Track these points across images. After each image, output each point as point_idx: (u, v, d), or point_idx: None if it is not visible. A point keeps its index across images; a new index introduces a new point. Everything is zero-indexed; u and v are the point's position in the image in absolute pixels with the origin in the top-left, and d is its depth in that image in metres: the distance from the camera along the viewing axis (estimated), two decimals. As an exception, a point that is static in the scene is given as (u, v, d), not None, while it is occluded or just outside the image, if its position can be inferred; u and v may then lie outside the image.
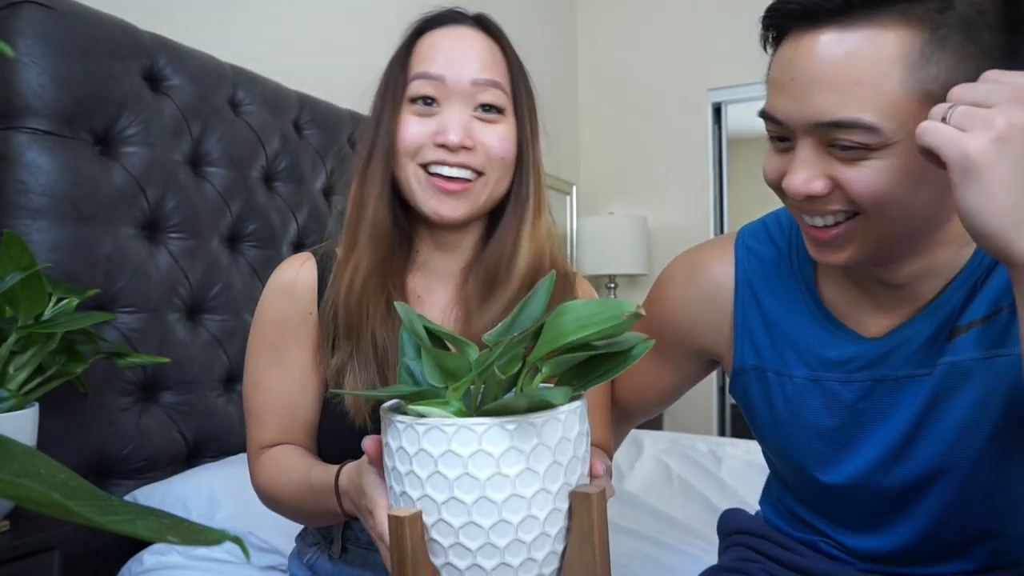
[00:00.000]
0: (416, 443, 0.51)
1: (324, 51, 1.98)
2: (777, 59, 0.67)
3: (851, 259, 0.68)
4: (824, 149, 0.64)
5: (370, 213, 0.82)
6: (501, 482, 0.50)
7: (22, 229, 1.16)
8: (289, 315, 0.84)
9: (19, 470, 0.25)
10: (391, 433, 0.53)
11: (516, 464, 0.50)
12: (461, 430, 0.50)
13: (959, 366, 0.71)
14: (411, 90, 0.80)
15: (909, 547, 0.78)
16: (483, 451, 0.50)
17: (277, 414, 0.84)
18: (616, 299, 0.51)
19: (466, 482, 0.50)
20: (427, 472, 0.50)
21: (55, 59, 1.20)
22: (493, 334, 0.55)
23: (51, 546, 0.96)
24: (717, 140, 3.42)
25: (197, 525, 0.29)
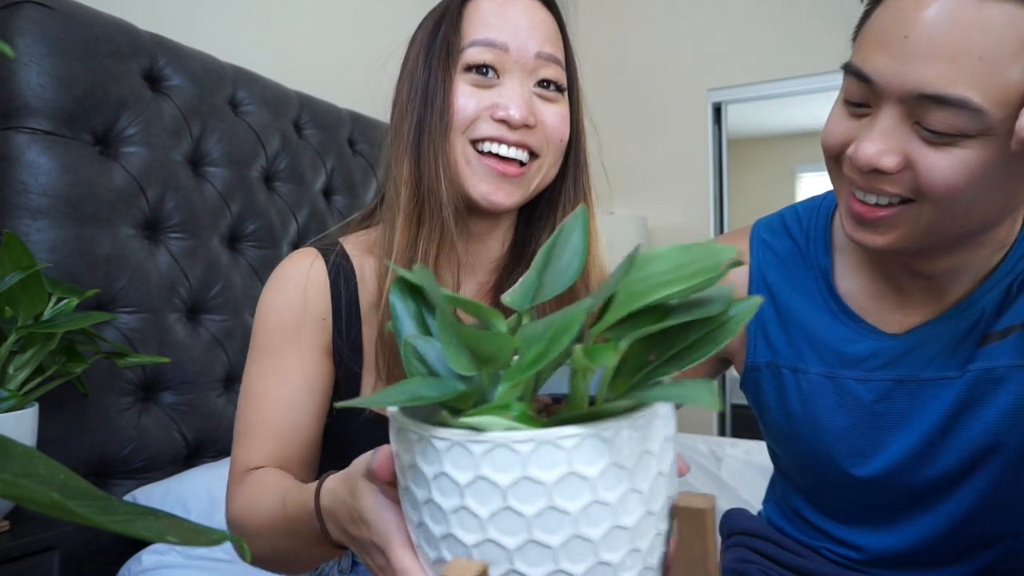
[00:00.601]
0: (472, 468, 0.36)
1: (324, 51, 1.98)
2: (889, 11, 0.59)
3: (891, 244, 0.64)
4: (909, 124, 0.59)
5: (443, 195, 0.71)
6: (600, 513, 0.36)
7: (22, 229, 1.16)
8: (297, 317, 0.74)
9: (19, 470, 0.25)
10: (424, 455, 0.37)
11: (617, 486, 0.36)
12: (542, 447, 0.35)
13: (992, 372, 0.69)
14: (468, 57, 0.71)
15: (921, 548, 0.77)
16: (574, 474, 0.36)
17: (272, 429, 0.72)
18: (708, 244, 0.39)
19: (552, 518, 0.36)
20: (491, 508, 0.36)
21: (55, 59, 1.20)
22: (516, 295, 0.43)
23: (51, 546, 0.96)
24: (717, 140, 3.42)
25: (197, 525, 0.29)
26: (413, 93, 0.73)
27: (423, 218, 0.72)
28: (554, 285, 0.43)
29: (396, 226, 0.72)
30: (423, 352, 0.42)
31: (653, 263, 0.39)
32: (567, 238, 0.44)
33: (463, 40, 0.72)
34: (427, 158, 0.71)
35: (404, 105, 0.74)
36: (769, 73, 3.19)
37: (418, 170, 0.72)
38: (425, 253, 0.71)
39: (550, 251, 0.45)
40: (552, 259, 0.44)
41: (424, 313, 0.44)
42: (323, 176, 1.84)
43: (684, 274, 0.37)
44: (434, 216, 0.71)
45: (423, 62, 0.73)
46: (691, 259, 0.38)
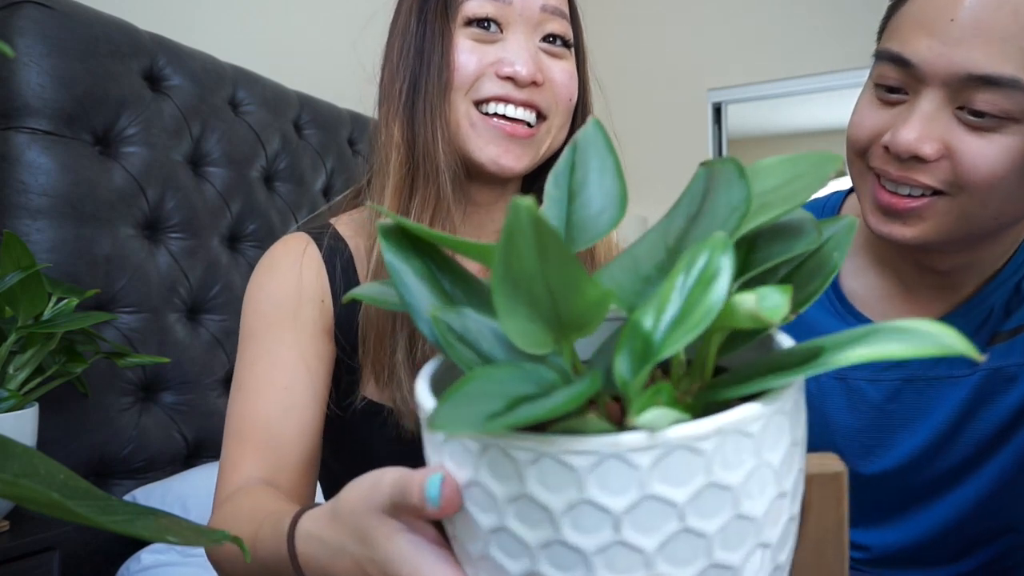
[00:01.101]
0: (636, 487, 0.25)
1: (324, 51, 1.98)
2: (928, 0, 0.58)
3: (921, 237, 0.62)
4: (951, 110, 0.57)
5: (441, 159, 0.65)
6: (779, 507, 0.28)
7: (22, 229, 1.16)
8: (292, 299, 0.67)
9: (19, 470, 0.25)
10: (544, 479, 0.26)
11: (792, 469, 0.28)
12: (728, 439, 0.26)
13: (1003, 371, 0.69)
14: (468, 9, 0.66)
15: (925, 544, 0.77)
16: (765, 465, 0.27)
17: (266, 420, 0.63)
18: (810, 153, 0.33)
19: (734, 531, 0.26)
20: (662, 536, 0.26)
21: (55, 59, 1.20)
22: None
23: (51, 546, 0.96)
24: (717, 140, 3.42)
25: (196, 525, 0.29)
26: (406, 50, 0.68)
27: (416, 185, 0.66)
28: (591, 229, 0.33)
29: (385, 194, 0.67)
30: (463, 330, 0.30)
31: (760, 177, 0.32)
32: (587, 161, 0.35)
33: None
34: (422, 119, 0.66)
35: (395, 63, 0.69)
36: (769, 73, 3.19)
37: (411, 133, 0.66)
38: (417, 222, 0.64)
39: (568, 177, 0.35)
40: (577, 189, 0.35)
41: (438, 274, 0.33)
42: (323, 176, 1.84)
43: (797, 187, 0.30)
44: (429, 182, 0.66)
45: (416, 16, 0.68)
46: (798, 171, 0.32)
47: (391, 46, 0.71)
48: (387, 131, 0.68)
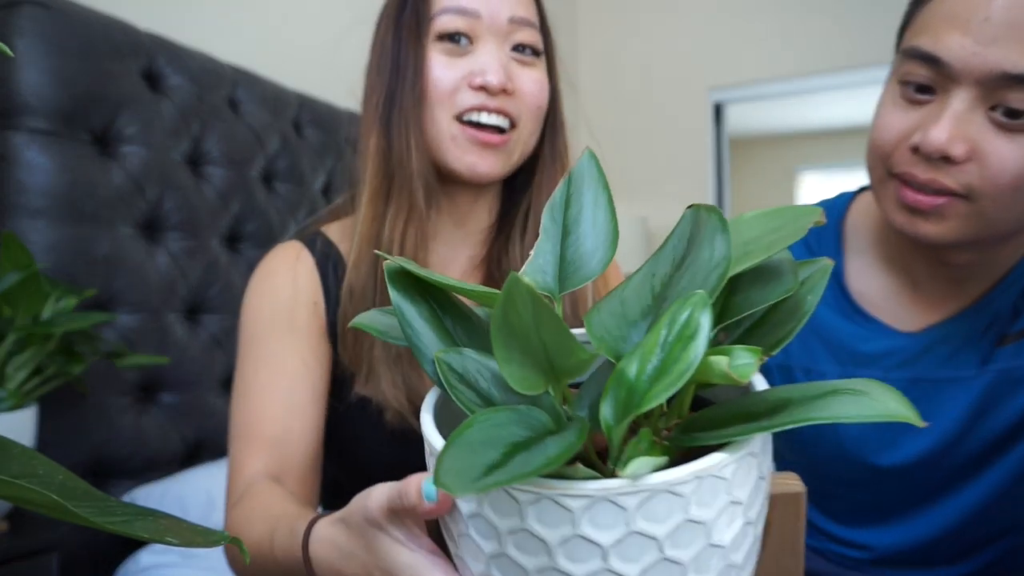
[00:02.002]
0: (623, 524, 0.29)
1: (324, 51, 1.97)
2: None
3: (946, 235, 0.61)
4: (983, 111, 0.57)
5: (414, 168, 0.68)
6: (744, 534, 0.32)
7: (21, 229, 1.16)
8: (287, 307, 0.71)
9: (18, 470, 0.25)
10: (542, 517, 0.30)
11: (756, 502, 0.32)
12: (704, 483, 0.29)
13: (1011, 372, 0.68)
14: (439, 24, 0.69)
15: (927, 544, 0.77)
16: (734, 502, 0.31)
17: (271, 423, 0.67)
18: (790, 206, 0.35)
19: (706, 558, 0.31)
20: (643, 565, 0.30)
21: (54, 59, 1.20)
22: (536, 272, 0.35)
23: (50, 547, 0.96)
24: (717, 140, 3.42)
25: (196, 526, 0.29)
26: (383, 64, 0.71)
27: (391, 192, 0.69)
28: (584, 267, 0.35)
29: (362, 201, 0.70)
30: (462, 370, 0.33)
31: (740, 230, 0.35)
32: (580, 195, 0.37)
33: (433, 8, 0.69)
34: (397, 129, 0.69)
35: (372, 79, 0.72)
36: (769, 73, 3.19)
37: (387, 143, 0.70)
38: (392, 228, 0.69)
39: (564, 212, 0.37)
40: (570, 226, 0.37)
41: (441, 316, 0.36)
42: (323, 176, 1.84)
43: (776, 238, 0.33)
44: (403, 190, 0.69)
45: (392, 32, 0.71)
46: (778, 223, 0.34)
47: (371, 59, 0.74)
48: (364, 141, 0.71)
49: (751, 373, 0.29)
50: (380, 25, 0.75)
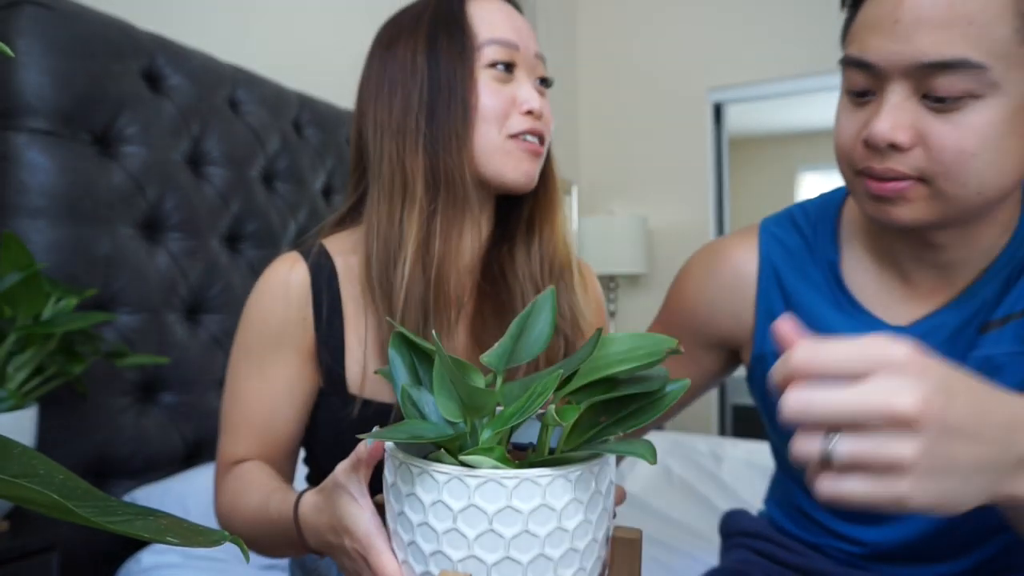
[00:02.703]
0: (465, 498, 0.45)
1: (324, 51, 1.97)
2: (874, 6, 0.65)
3: (916, 218, 0.66)
4: (916, 98, 0.62)
5: (468, 180, 0.78)
6: (560, 537, 0.46)
7: (21, 229, 1.16)
8: (279, 322, 0.79)
9: (18, 470, 0.25)
10: (423, 484, 0.46)
11: (575, 516, 0.46)
12: (524, 483, 0.44)
13: (992, 360, 0.69)
14: (489, 54, 0.79)
15: (921, 540, 0.77)
16: (546, 505, 0.45)
17: (253, 429, 0.79)
18: (655, 335, 0.49)
19: (524, 540, 0.45)
20: (477, 531, 0.45)
21: (54, 59, 1.20)
22: (494, 356, 0.52)
23: (51, 546, 0.96)
24: (717, 140, 3.42)
25: (196, 526, 0.29)
26: (420, 87, 0.78)
27: (437, 206, 0.77)
28: (526, 352, 0.53)
29: (405, 219, 0.77)
30: (416, 399, 0.52)
31: (612, 344, 0.49)
32: (539, 312, 0.54)
33: (478, 39, 0.79)
34: (448, 146, 0.77)
35: (404, 99, 0.78)
36: (769, 73, 3.19)
37: (435, 161, 0.77)
38: (446, 234, 0.77)
39: (524, 321, 0.54)
40: (526, 329, 0.54)
41: (416, 364, 0.54)
42: (323, 176, 1.84)
43: (635, 355, 0.47)
44: (457, 203, 0.78)
45: (429, 60, 0.78)
46: (642, 345, 0.49)
47: (393, 82, 0.80)
48: (401, 160, 0.78)
49: (569, 420, 0.47)
50: (394, 54, 0.80)
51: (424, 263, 0.76)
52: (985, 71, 0.59)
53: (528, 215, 0.86)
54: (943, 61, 0.59)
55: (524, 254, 0.84)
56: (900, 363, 0.39)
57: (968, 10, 0.59)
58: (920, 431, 0.38)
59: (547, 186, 0.87)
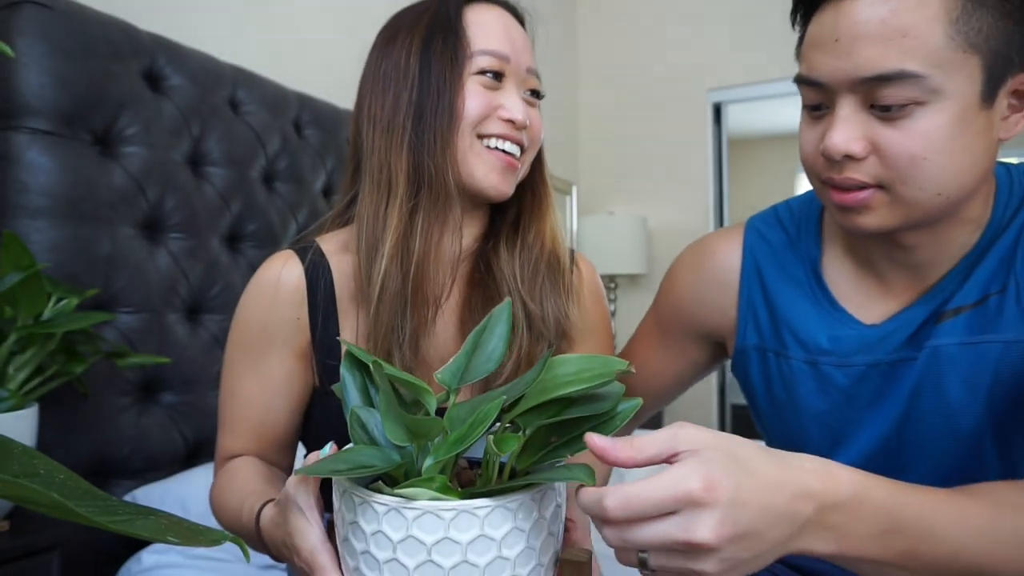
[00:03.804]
0: (404, 529, 0.45)
1: (324, 51, 1.98)
2: (816, 26, 0.68)
3: (881, 224, 0.68)
4: (865, 109, 0.65)
5: (451, 182, 0.78)
6: (501, 565, 0.46)
7: (22, 229, 1.16)
8: (270, 319, 0.80)
9: (19, 470, 0.25)
10: (364, 514, 0.47)
11: (517, 545, 0.47)
12: (461, 515, 0.45)
13: (943, 350, 0.72)
14: (479, 63, 0.80)
15: None
16: (484, 536, 0.45)
17: (249, 424, 0.81)
18: (605, 356, 0.51)
19: (464, 570, 0.45)
20: (416, 561, 0.45)
21: (55, 59, 1.20)
22: (447, 373, 0.52)
23: (51, 546, 0.96)
24: (717, 140, 3.42)
25: (197, 525, 0.29)
26: (407, 89, 0.79)
27: (419, 205, 0.78)
28: (479, 370, 0.53)
29: (388, 214, 0.78)
30: (365, 421, 0.52)
31: (562, 366, 0.50)
32: (494, 327, 0.54)
33: (471, 48, 0.80)
34: (433, 149, 0.78)
35: (392, 102, 0.80)
36: (769, 73, 3.19)
37: (418, 159, 0.78)
38: (427, 234, 0.78)
39: (479, 336, 0.54)
40: (480, 344, 0.54)
41: (368, 386, 0.54)
42: (323, 176, 1.85)
43: (583, 377, 0.48)
44: (439, 202, 0.79)
45: (422, 62, 0.79)
46: (591, 366, 0.49)
47: (386, 81, 0.81)
48: (388, 157, 0.79)
49: (508, 450, 0.46)
50: (392, 51, 0.82)
51: (402, 259, 0.77)
52: (924, 79, 0.62)
53: (514, 217, 0.87)
54: (882, 74, 0.62)
55: (507, 253, 0.85)
56: (697, 500, 0.45)
57: (901, 23, 0.62)
58: (715, 551, 0.46)
59: (536, 190, 0.88)
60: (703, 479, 0.45)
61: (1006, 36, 0.62)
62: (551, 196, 0.90)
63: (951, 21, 0.61)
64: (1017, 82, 0.65)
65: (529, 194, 0.88)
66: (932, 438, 0.74)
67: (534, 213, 0.87)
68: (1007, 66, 0.64)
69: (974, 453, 0.72)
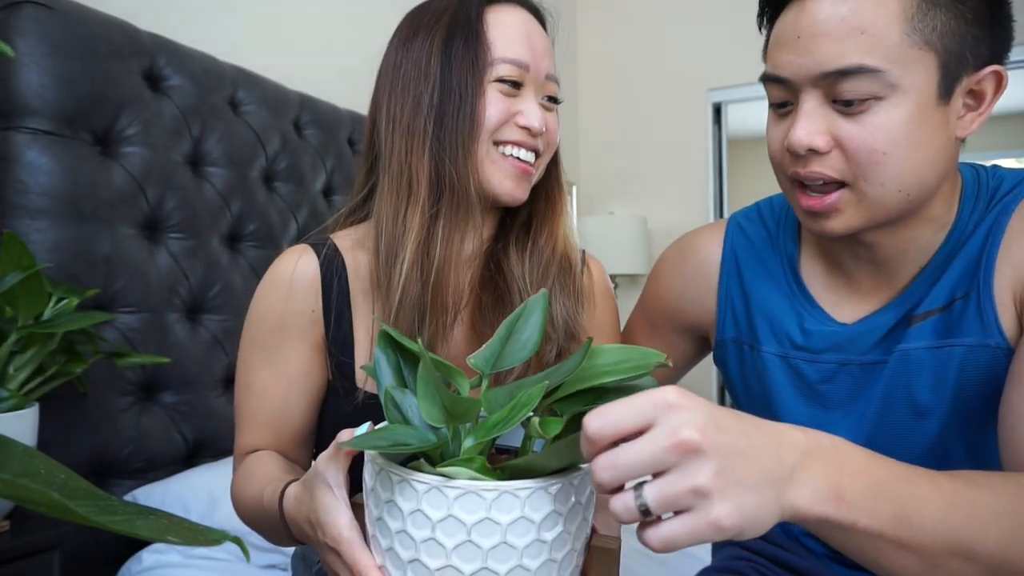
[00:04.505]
0: (444, 508, 0.45)
1: (324, 51, 1.98)
2: (779, 25, 0.72)
3: (847, 226, 0.70)
4: (828, 104, 0.67)
5: (471, 187, 0.78)
6: (538, 548, 0.46)
7: (22, 229, 1.16)
8: (285, 315, 0.79)
9: (19, 470, 0.25)
10: (402, 493, 0.46)
11: (555, 528, 0.46)
12: (503, 495, 0.45)
13: (911, 354, 0.73)
14: (499, 71, 0.79)
15: None
16: (524, 518, 0.45)
17: (267, 419, 0.81)
18: (644, 348, 0.50)
19: (502, 551, 0.45)
20: (455, 541, 0.45)
21: (55, 59, 1.20)
22: (481, 359, 0.52)
23: (51, 546, 0.96)
24: (717, 140, 3.42)
25: (197, 525, 0.29)
26: (429, 92, 0.78)
27: (441, 209, 0.78)
28: (513, 357, 0.53)
29: (408, 217, 0.78)
30: (399, 402, 0.51)
31: (601, 356, 0.50)
32: (529, 316, 0.54)
33: (492, 54, 0.79)
34: (454, 155, 0.77)
35: (416, 99, 0.79)
36: (769, 73, 3.18)
37: (440, 164, 0.78)
38: (448, 239, 0.78)
39: (513, 324, 0.54)
40: (514, 332, 0.54)
41: (402, 365, 0.54)
42: (323, 176, 1.85)
43: (622, 368, 0.48)
44: (460, 208, 0.78)
45: (442, 64, 0.78)
46: (629, 357, 0.49)
47: (405, 82, 0.80)
48: (408, 160, 0.79)
49: (552, 432, 0.47)
50: (412, 51, 0.80)
51: (423, 265, 0.76)
52: (882, 73, 0.64)
53: (526, 218, 0.87)
54: (842, 69, 0.65)
55: (517, 255, 0.85)
56: (674, 403, 0.43)
57: (859, 21, 0.64)
58: (706, 455, 0.43)
59: (550, 193, 0.87)
60: (677, 391, 0.44)
61: (959, 35, 0.65)
62: (565, 199, 0.89)
63: (907, 19, 0.64)
64: (972, 81, 0.67)
65: (543, 196, 0.87)
66: (902, 439, 0.74)
67: (546, 215, 0.87)
68: (962, 65, 0.66)
69: (941, 454, 0.73)
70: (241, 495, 0.77)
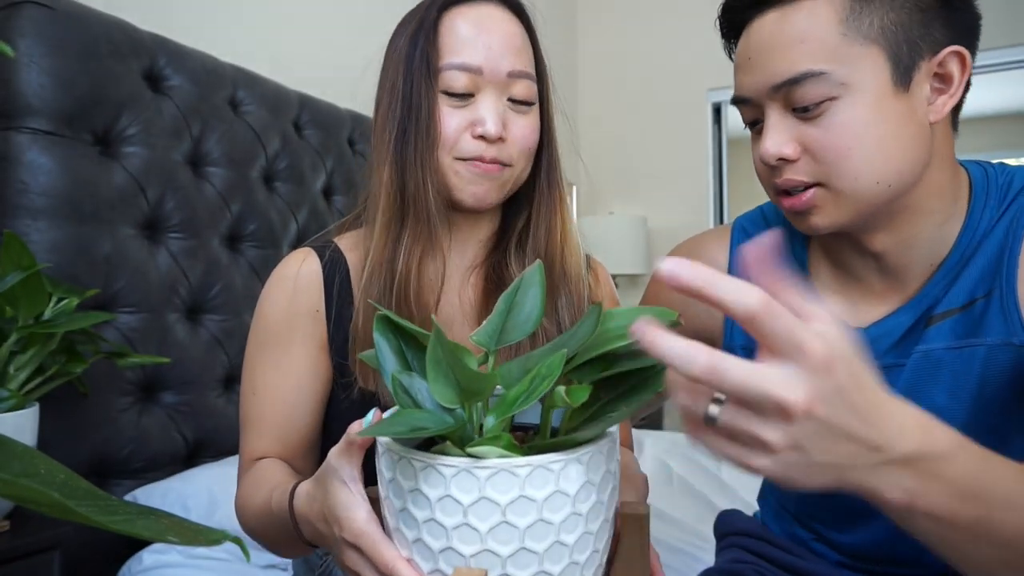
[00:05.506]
0: (476, 490, 0.43)
1: (324, 51, 1.98)
2: (736, 52, 0.76)
3: (833, 222, 0.71)
4: (789, 114, 0.70)
5: (431, 204, 0.76)
6: (575, 521, 0.44)
7: (22, 229, 1.16)
8: (291, 315, 0.79)
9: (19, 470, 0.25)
10: (428, 479, 0.44)
11: (589, 499, 0.45)
12: (537, 471, 0.43)
13: (931, 355, 0.72)
14: (446, 80, 0.75)
15: (889, 543, 0.77)
16: (560, 492, 0.43)
17: (274, 422, 0.79)
18: (657, 307, 0.48)
19: (539, 529, 0.43)
20: (490, 523, 0.43)
21: (55, 59, 1.20)
22: (483, 335, 0.50)
23: (51, 546, 0.96)
24: (717, 140, 3.42)
25: (197, 525, 0.29)
26: (394, 103, 0.77)
27: (405, 221, 0.77)
28: (517, 331, 0.51)
29: (375, 229, 0.78)
30: (408, 386, 0.49)
31: (611, 319, 0.48)
32: (527, 289, 0.52)
33: (440, 59, 0.75)
34: (412, 168, 0.76)
35: (385, 113, 0.78)
36: (769, 73, 3.18)
37: (401, 178, 0.77)
38: (409, 255, 0.76)
39: (512, 298, 0.52)
40: (515, 306, 0.52)
41: (404, 349, 0.51)
42: (323, 176, 1.84)
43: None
44: (420, 221, 0.77)
45: (403, 75, 0.77)
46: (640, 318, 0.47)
47: (380, 95, 0.80)
48: (377, 171, 0.79)
49: (579, 400, 0.44)
50: (389, 62, 0.80)
51: (386, 276, 0.76)
52: (828, 75, 0.66)
53: (524, 221, 0.85)
54: (790, 78, 0.68)
55: (517, 258, 0.84)
56: (810, 354, 0.39)
57: (798, 31, 0.67)
58: (794, 423, 0.40)
59: (551, 194, 0.85)
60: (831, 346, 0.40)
61: (903, 25, 0.66)
62: (562, 202, 0.86)
63: (841, 20, 0.66)
64: (933, 65, 0.68)
65: (542, 196, 0.85)
66: None
67: (546, 216, 0.84)
68: (914, 51, 0.67)
69: None
70: (248, 503, 0.74)
